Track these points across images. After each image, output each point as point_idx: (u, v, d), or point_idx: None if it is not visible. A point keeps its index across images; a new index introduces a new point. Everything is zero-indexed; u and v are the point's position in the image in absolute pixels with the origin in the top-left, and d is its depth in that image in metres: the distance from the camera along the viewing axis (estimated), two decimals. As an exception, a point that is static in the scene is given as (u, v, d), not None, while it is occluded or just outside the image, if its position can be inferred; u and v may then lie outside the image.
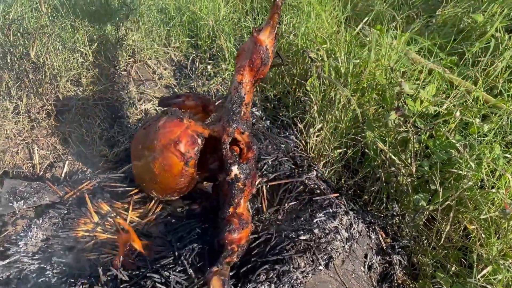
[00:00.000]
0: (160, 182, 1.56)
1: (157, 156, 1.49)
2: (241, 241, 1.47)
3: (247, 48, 1.60)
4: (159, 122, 1.53)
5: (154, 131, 1.51)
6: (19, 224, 1.72)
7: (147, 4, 2.59)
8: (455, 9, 2.81)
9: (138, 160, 1.60)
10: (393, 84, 2.02)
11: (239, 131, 1.54)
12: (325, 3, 2.54)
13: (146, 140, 1.54)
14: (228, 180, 1.49)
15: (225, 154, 1.50)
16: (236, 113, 1.54)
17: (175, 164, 1.48)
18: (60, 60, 2.14)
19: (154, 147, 1.50)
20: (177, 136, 1.47)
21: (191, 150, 1.47)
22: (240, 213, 1.52)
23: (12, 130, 1.98)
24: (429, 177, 1.78)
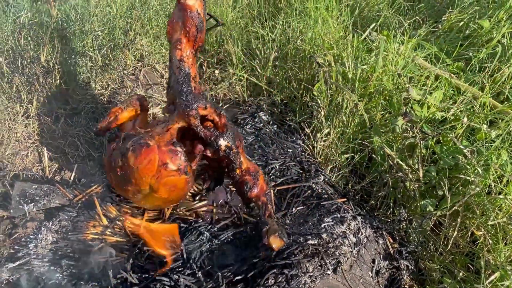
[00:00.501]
0: (173, 199, 1.57)
1: (156, 187, 1.47)
2: (263, 189, 1.55)
3: (177, 18, 1.52)
4: (129, 160, 1.45)
5: (133, 171, 1.45)
6: (29, 227, 1.73)
7: (155, 9, 2.61)
8: (461, 15, 2.82)
9: (136, 197, 1.57)
10: (400, 89, 2.03)
11: (201, 108, 1.50)
12: (332, 8, 2.56)
13: (130, 182, 1.48)
14: (222, 153, 1.51)
15: (203, 136, 1.50)
16: (188, 93, 1.49)
17: (177, 181, 1.47)
18: (70, 64, 2.17)
19: (146, 183, 1.46)
20: (158, 161, 1.42)
21: (180, 161, 1.45)
22: (246, 168, 1.57)
23: (22, 133, 2.00)
24: (436, 183, 1.79)
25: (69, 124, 2.12)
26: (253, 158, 1.97)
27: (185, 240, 1.59)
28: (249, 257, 1.51)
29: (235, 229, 1.65)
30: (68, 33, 2.26)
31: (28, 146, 1.99)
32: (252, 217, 1.70)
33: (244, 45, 2.65)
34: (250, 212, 1.72)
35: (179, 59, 1.51)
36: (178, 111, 1.49)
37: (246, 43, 2.68)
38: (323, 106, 2.09)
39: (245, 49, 2.64)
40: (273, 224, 1.42)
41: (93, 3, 2.47)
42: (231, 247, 1.59)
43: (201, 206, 1.78)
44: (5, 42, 2.12)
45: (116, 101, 2.26)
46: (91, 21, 2.34)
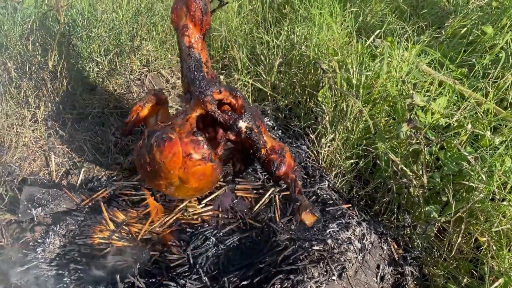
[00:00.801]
0: (204, 187, 1.58)
1: (185, 178, 1.49)
2: (291, 166, 1.54)
3: (180, 4, 1.50)
4: (155, 156, 1.47)
5: (160, 166, 1.48)
6: (37, 231, 1.75)
7: (161, 14, 2.64)
8: (464, 21, 2.84)
9: (169, 189, 1.59)
10: (404, 96, 2.05)
11: (216, 92, 1.49)
12: (336, 15, 2.58)
13: (160, 176, 1.52)
14: (244, 135, 1.50)
15: (222, 120, 1.49)
16: (201, 79, 1.48)
17: (204, 169, 1.48)
18: (77, 70, 2.19)
19: (175, 176, 1.48)
20: (182, 153, 1.44)
21: (203, 149, 1.45)
22: (271, 147, 1.56)
23: (30, 138, 2.02)
24: (441, 189, 1.80)
25: (76, 129, 2.14)
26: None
27: (191, 245, 1.61)
28: (255, 263, 1.53)
29: (241, 234, 1.66)
30: (75, 39, 2.28)
31: (35, 150, 2.01)
32: (258, 222, 1.72)
33: (249, 51, 2.67)
34: (256, 217, 1.74)
35: (188, 46, 1.49)
36: (193, 99, 1.49)
37: (250, 49, 2.70)
38: (328, 112, 2.10)
39: (250, 55, 2.67)
40: (304, 200, 1.43)
41: (100, 9, 2.49)
42: (237, 252, 1.60)
43: (207, 211, 1.79)
44: (13, 48, 2.15)
45: (122, 105, 2.28)
46: (97, 27, 2.37)
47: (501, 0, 3.10)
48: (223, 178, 1.93)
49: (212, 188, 1.68)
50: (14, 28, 2.25)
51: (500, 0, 3.10)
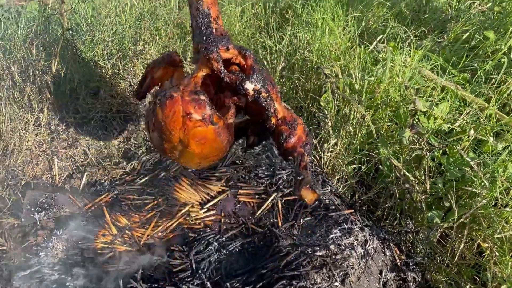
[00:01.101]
0: (209, 154, 1.45)
1: (186, 141, 1.38)
2: (301, 139, 1.44)
3: None
4: (157, 115, 1.37)
5: (161, 126, 1.37)
6: (40, 235, 1.76)
7: (164, 19, 2.65)
8: (466, 26, 2.84)
9: (174, 155, 1.48)
10: (406, 101, 2.05)
11: (223, 50, 1.39)
12: (338, 19, 2.59)
13: (163, 139, 1.41)
14: (251, 99, 1.40)
15: (228, 80, 1.39)
16: (208, 34, 1.37)
17: (205, 132, 1.36)
18: (80, 74, 2.20)
19: (176, 137, 1.38)
20: (181, 112, 1.33)
21: (204, 110, 1.34)
22: (283, 117, 1.47)
23: (33, 142, 2.03)
24: (443, 194, 1.80)
25: (79, 133, 2.15)
26: (260, 168, 1.99)
27: (194, 250, 1.61)
28: (257, 268, 1.53)
29: (243, 239, 1.66)
30: (78, 43, 2.29)
31: (38, 154, 2.02)
32: (260, 227, 1.72)
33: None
34: (258, 223, 1.74)
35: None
36: (200, 57, 1.39)
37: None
38: (330, 116, 2.11)
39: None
40: (307, 175, 1.34)
41: (103, 13, 2.50)
42: (239, 257, 1.60)
43: (210, 215, 1.80)
44: (17, 52, 2.16)
45: (125, 110, 2.28)
46: (101, 31, 2.38)
47: (503, 5, 3.10)
48: (226, 182, 1.93)
49: (218, 158, 1.53)
50: (18, 32, 2.27)
51: (503, 5, 3.10)
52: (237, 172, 1.97)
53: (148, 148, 2.20)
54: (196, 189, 1.90)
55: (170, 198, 1.86)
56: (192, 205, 1.83)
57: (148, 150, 2.18)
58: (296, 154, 1.42)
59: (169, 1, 2.80)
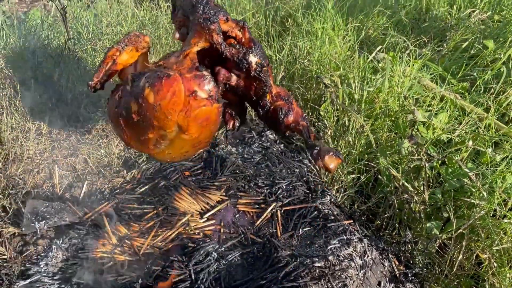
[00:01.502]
0: (203, 139, 1.35)
1: (185, 124, 1.25)
2: (299, 113, 1.38)
3: None
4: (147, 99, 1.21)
5: (154, 111, 1.22)
6: (40, 244, 1.77)
7: (165, 27, 2.66)
8: (466, 35, 2.85)
9: (158, 147, 1.36)
10: (406, 111, 2.06)
11: (223, 21, 1.29)
12: (338, 28, 2.60)
13: (151, 126, 1.26)
14: (254, 73, 1.31)
15: (229, 54, 1.29)
16: (205, 4, 1.27)
17: (210, 112, 1.25)
18: (81, 83, 2.21)
19: (173, 122, 1.25)
20: (184, 91, 1.21)
21: (210, 86, 1.22)
22: (277, 93, 1.40)
23: (34, 150, 2.04)
24: (442, 205, 1.81)
25: (79, 141, 2.16)
26: (260, 177, 2.00)
27: (193, 260, 1.61)
28: (256, 279, 1.53)
29: (243, 250, 1.67)
30: (80, 52, 2.31)
31: (39, 163, 2.03)
32: (259, 237, 1.72)
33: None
34: (257, 233, 1.75)
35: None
36: (194, 29, 1.28)
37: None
38: (330, 126, 2.12)
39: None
40: (323, 144, 1.29)
41: (105, 21, 2.52)
42: (238, 268, 1.61)
43: (209, 225, 1.80)
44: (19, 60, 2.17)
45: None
46: (102, 40, 2.40)
47: (503, 14, 3.11)
48: (226, 191, 1.94)
49: (207, 145, 1.43)
50: (20, 41, 2.29)
51: (502, 14, 3.11)
52: (236, 181, 1.98)
53: (149, 156, 2.21)
54: (196, 198, 1.91)
55: (169, 207, 1.86)
56: (191, 214, 1.83)
57: (148, 159, 2.19)
58: (301, 127, 1.36)
59: (170, 10, 2.82)
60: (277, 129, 1.45)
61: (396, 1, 3.24)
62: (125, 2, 2.89)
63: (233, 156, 2.12)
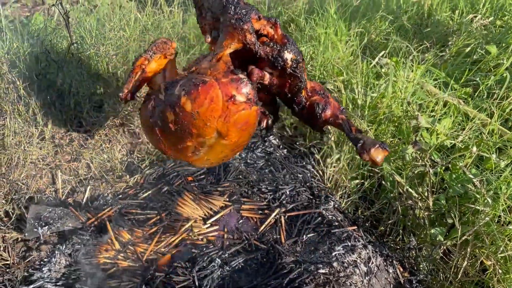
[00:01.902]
0: (242, 143, 1.32)
1: (225, 130, 1.23)
2: (336, 106, 1.35)
3: None
4: (184, 107, 1.18)
5: (192, 119, 1.20)
6: (43, 250, 1.76)
7: (168, 32, 2.67)
8: (468, 40, 2.85)
9: (197, 154, 1.34)
10: (409, 116, 2.06)
11: (255, 19, 1.25)
12: (341, 34, 2.60)
13: (190, 135, 1.24)
14: (289, 70, 1.27)
15: (263, 53, 1.26)
16: (236, 4, 1.23)
17: (249, 115, 1.22)
18: (84, 87, 2.21)
19: (212, 129, 1.22)
20: (222, 97, 1.18)
21: (247, 89, 1.19)
22: (312, 87, 1.38)
23: (37, 155, 2.04)
24: (446, 211, 1.80)
25: (82, 146, 2.15)
26: (263, 183, 1.99)
27: (197, 267, 1.61)
28: (260, 285, 1.53)
29: (246, 256, 1.66)
30: (83, 56, 2.31)
31: (42, 168, 2.03)
32: (263, 243, 1.72)
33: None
34: (261, 239, 1.74)
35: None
36: (226, 31, 1.24)
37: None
38: (333, 131, 2.11)
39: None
40: (367, 137, 1.26)
41: (108, 26, 2.52)
42: (242, 274, 1.60)
43: (212, 231, 1.80)
44: (22, 65, 2.17)
45: (129, 123, 2.29)
46: (105, 44, 2.40)
47: (505, 19, 3.12)
48: (229, 197, 1.94)
49: (244, 147, 1.41)
50: (24, 46, 2.29)
51: (504, 19, 3.12)
52: (240, 187, 1.97)
53: (152, 161, 2.21)
54: (199, 204, 1.90)
55: (173, 212, 1.86)
56: (195, 220, 1.83)
57: (151, 164, 2.19)
58: (341, 121, 1.34)
59: (173, 15, 2.82)
60: (314, 124, 1.42)
61: (398, 6, 3.25)
62: (128, 7, 2.89)
63: (236, 161, 2.12)
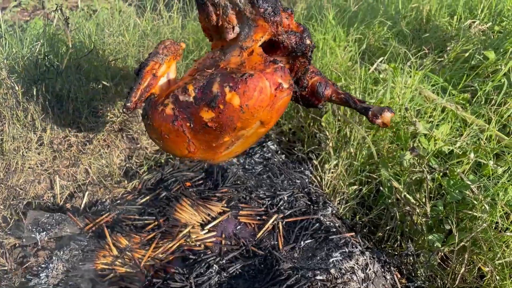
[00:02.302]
0: (273, 125, 1.37)
1: (268, 118, 1.28)
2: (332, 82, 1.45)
3: None
4: (232, 102, 1.20)
5: (239, 113, 1.22)
6: (41, 256, 1.76)
7: (167, 38, 2.67)
8: (466, 45, 2.86)
9: (229, 148, 1.37)
10: (407, 122, 2.06)
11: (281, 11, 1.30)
12: (339, 39, 2.61)
13: (231, 129, 1.26)
14: (310, 54, 1.35)
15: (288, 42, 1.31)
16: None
17: (288, 100, 1.29)
18: (83, 93, 2.22)
19: (258, 119, 1.26)
20: (269, 87, 1.22)
21: (288, 76, 1.26)
22: (311, 69, 1.46)
23: (35, 161, 2.04)
24: (444, 217, 1.80)
25: (81, 152, 2.16)
26: (261, 189, 1.99)
27: (194, 273, 1.61)
28: (257, 292, 1.53)
29: (244, 262, 1.66)
30: (82, 61, 2.31)
31: (40, 173, 2.03)
32: (261, 249, 1.72)
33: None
34: (259, 245, 1.74)
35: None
36: (255, 25, 1.28)
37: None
38: (331, 137, 2.12)
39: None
40: (372, 105, 1.39)
41: (107, 31, 2.53)
42: (240, 280, 1.60)
43: (210, 237, 1.80)
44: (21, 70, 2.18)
45: (127, 128, 2.30)
46: (104, 50, 2.40)
47: (503, 25, 3.13)
48: (227, 202, 1.94)
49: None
50: (23, 51, 2.29)
51: (503, 25, 3.13)
52: (238, 193, 1.98)
53: (150, 167, 2.21)
54: (197, 210, 1.90)
55: (171, 218, 1.86)
56: (193, 226, 1.83)
57: (149, 169, 2.20)
58: (343, 95, 1.43)
59: (172, 20, 2.83)
60: (315, 104, 1.50)
61: (397, 11, 3.26)
62: (128, 12, 2.90)
63: (234, 166, 2.12)
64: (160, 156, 2.27)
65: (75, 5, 4.30)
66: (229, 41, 1.33)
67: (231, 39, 1.32)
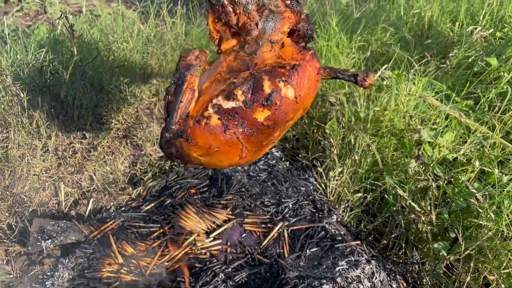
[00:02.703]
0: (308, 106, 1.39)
1: (308, 102, 1.32)
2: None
3: None
4: (287, 96, 1.21)
5: (293, 105, 1.24)
6: (46, 263, 1.76)
7: (171, 44, 2.68)
8: (469, 52, 2.87)
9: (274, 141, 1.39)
10: (411, 130, 2.07)
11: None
12: (342, 46, 2.62)
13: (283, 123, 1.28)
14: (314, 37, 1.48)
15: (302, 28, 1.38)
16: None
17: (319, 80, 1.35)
18: (88, 99, 2.22)
19: (303, 106, 1.30)
20: (313, 74, 1.27)
21: (319, 59, 1.34)
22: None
23: (40, 168, 2.04)
24: (449, 225, 1.81)
25: (85, 159, 2.16)
26: (266, 196, 2.00)
27: (200, 282, 1.61)
28: (264, 301, 1.53)
29: (250, 270, 1.66)
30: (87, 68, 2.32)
31: (45, 180, 2.03)
32: (266, 257, 1.72)
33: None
34: (264, 253, 1.74)
35: None
36: (282, 17, 1.31)
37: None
38: (336, 144, 2.12)
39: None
40: (356, 71, 1.49)
41: (111, 38, 2.54)
42: (246, 289, 1.60)
43: (215, 245, 1.80)
44: (26, 78, 2.18)
45: (132, 135, 2.30)
46: (108, 56, 2.41)
47: (505, 31, 3.14)
48: (232, 210, 1.94)
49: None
50: (27, 58, 2.30)
51: (504, 31, 3.14)
52: (243, 200, 1.98)
53: (154, 173, 2.21)
54: (202, 217, 1.90)
55: (176, 226, 1.86)
56: (198, 233, 1.83)
57: (154, 176, 2.20)
58: (328, 69, 1.49)
59: (175, 26, 2.84)
60: None
61: (399, 17, 3.27)
62: (132, 18, 2.91)
63: (239, 174, 2.12)
64: (165, 163, 2.27)
65: (77, 9, 4.31)
66: (247, 39, 1.31)
67: (252, 37, 1.31)
